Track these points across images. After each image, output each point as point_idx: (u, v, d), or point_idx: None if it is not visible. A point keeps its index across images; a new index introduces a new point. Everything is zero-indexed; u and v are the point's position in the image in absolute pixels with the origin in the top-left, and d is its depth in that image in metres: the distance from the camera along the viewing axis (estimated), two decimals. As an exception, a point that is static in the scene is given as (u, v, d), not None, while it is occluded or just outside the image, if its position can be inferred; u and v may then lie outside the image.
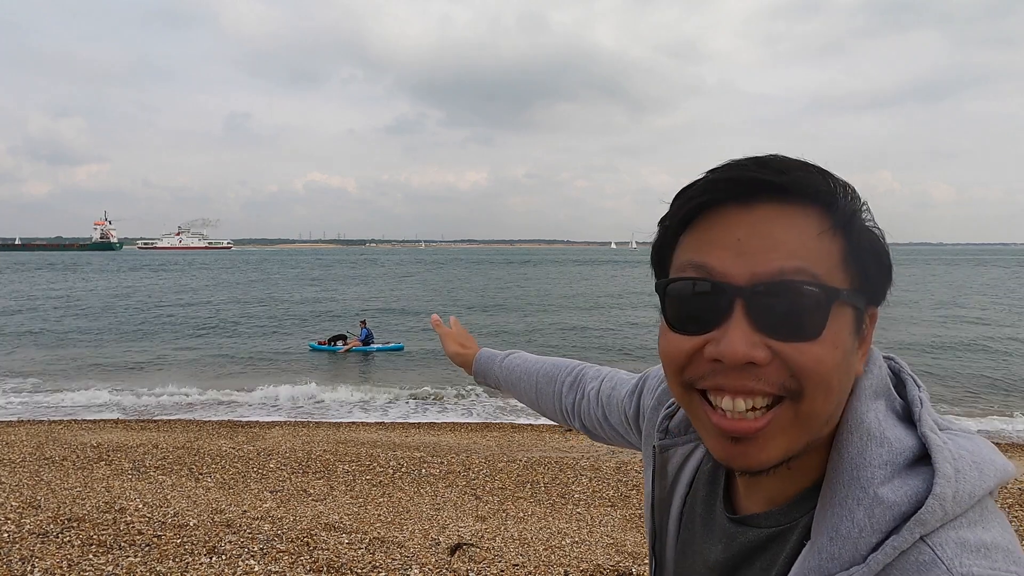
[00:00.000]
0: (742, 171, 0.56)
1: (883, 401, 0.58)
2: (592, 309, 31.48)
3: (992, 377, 15.09)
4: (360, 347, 18.36)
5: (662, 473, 0.79)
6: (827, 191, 0.56)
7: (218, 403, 12.98)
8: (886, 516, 0.51)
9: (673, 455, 0.78)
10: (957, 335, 21.56)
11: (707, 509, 0.71)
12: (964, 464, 0.53)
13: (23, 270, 70.00)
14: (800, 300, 0.53)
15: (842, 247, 0.56)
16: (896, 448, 0.54)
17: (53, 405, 12.52)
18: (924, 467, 0.53)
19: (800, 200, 0.56)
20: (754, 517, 0.64)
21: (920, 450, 0.55)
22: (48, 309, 30.34)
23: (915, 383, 0.61)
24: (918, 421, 0.56)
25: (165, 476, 6.87)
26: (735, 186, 0.56)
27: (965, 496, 0.51)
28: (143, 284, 49.31)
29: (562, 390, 1.11)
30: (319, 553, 4.41)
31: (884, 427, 0.56)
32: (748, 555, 0.64)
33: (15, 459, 7.43)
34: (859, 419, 0.56)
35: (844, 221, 0.56)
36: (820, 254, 0.55)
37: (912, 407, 0.58)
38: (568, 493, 6.62)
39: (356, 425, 11.00)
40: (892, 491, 0.52)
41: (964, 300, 34.79)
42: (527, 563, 4.42)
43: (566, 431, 10.52)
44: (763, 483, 0.62)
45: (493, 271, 75.98)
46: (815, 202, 0.56)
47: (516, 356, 1.25)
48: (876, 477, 0.53)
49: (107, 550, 4.35)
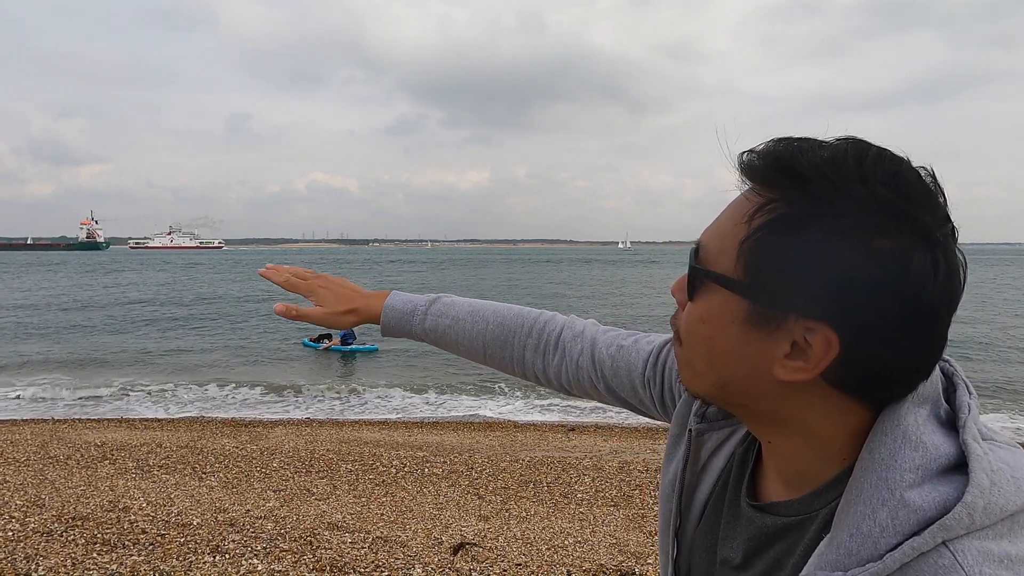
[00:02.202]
0: (744, 153, 0.59)
1: (928, 406, 0.57)
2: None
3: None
4: (339, 346, 18.23)
5: (695, 458, 0.79)
6: (785, 186, 0.55)
7: (219, 401, 13.01)
8: (910, 519, 0.51)
9: (708, 440, 0.78)
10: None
11: (734, 495, 0.72)
12: (1001, 477, 0.52)
13: (4, 271, 69.76)
14: (690, 266, 0.62)
15: (742, 237, 0.57)
16: (932, 454, 0.53)
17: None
18: (959, 475, 0.52)
19: (756, 188, 0.58)
20: (774, 505, 0.65)
21: (958, 458, 0.53)
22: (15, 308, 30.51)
23: (966, 388, 0.59)
24: (961, 428, 0.55)
25: (169, 475, 6.89)
26: (738, 167, 0.60)
27: (997, 509, 0.50)
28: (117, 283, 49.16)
29: (524, 354, 1.03)
30: (322, 552, 4.42)
31: (922, 431, 0.55)
32: (766, 541, 0.64)
33: (20, 458, 7.46)
34: (897, 421, 0.55)
35: (756, 215, 0.56)
36: (725, 236, 0.59)
37: (958, 413, 0.57)
38: (571, 493, 6.62)
39: (359, 424, 11.02)
40: (920, 496, 0.51)
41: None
42: (530, 563, 4.42)
43: (569, 430, 10.53)
44: (782, 470, 0.65)
45: (514, 269, 76.80)
46: (766, 191, 0.57)
47: (443, 311, 1.06)
48: (905, 480, 0.52)
49: (111, 549, 4.36)
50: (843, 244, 0.52)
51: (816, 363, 0.55)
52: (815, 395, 0.57)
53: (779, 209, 0.55)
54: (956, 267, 0.54)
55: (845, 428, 0.58)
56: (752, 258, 0.56)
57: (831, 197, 0.53)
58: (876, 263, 0.51)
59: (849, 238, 0.52)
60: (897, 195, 0.52)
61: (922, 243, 0.52)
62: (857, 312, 0.52)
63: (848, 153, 0.54)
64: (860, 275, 0.52)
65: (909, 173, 0.54)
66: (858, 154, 0.54)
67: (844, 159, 0.54)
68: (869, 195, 0.52)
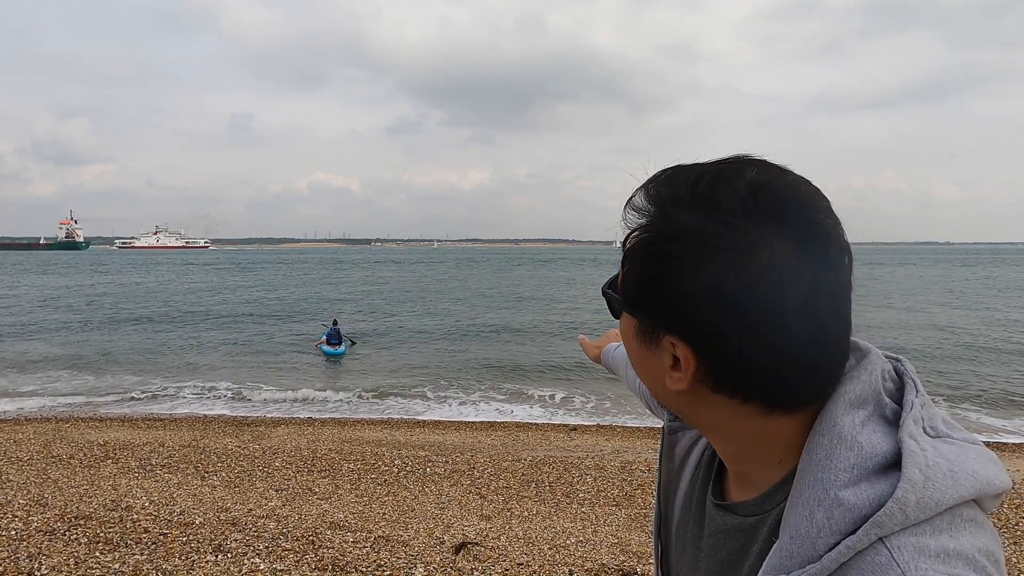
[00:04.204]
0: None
1: (869, 407, 0.57)
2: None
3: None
4: (324, 347, 18.10)
5: (669, 455, 0.82)
6: (650, 212, 0.60)
7: (222, 401, 13.04)
8: (845, 518, 0.51)
9: (682, 438, 0.81)
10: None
11: (701, 493, 0.75)
12: (937, 472, 0.52)
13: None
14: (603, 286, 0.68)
15: (622, 259, 0.63)
16: (867, 452, 0.54)
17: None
18: (896, 472, 0.53)
19: (635, 214, 0.62)
20: (734, 505, 0.67)
21: (897, 456, 0.54)
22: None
23: (914, 387, 0.60)
24: (900, 426, 0.56)
25: (171, 474, 6.90)
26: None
27: (931, 503, 0.51)
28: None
29: (635, 381, 1.15)
30: (324, 551, 4.42)
31: (858, 432, 0.55)
32: (724, 540, 0.67)
33: (23, 457, 7.48)
34: (832, 423, 0.56)
35: (627, 240, 0.61)
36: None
37: (902, 412, 0.57)
38: (573, 492, 6.62)
39: (361, 424, 11.02)
40: (854, 494, 0.52)
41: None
42: (532, 562, 4.42)
43: (571, 430, 10.52)
44: (732, 471, 0.68)
45: (532, 269, 77.31)
46: (640, 218, 0.61)
47: (613, 349, 1.39)
48: (839, 480, 0.53)
49: (113, 548, 4.37)
50: (683, 263, 0.55)
51: (684, 373, 0.59)
52: (710, 402, 0.60)
53: (640, 233, 0.59)
54: (817, 262, 0.54)
55: (765, 431, 0.60)
56: (627, 279, 0.61)
57: (678, 219, 0.57)
58: (718, 276, 0.54)
59: (689, 256, 0.55)
60: (745, 209, 0.54)
61: (763, 250, 0.53)
62: (705, 324, 0.55)
63: (692, 176, 0.58)
64: (703, 289, 0.54)
65: (759, 184, 0.55)
66: (701, 176, 0.57)
67: (686, 182, 0.58)
68: (710, 213, 0.55)
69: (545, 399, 13.26)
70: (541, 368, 16.19)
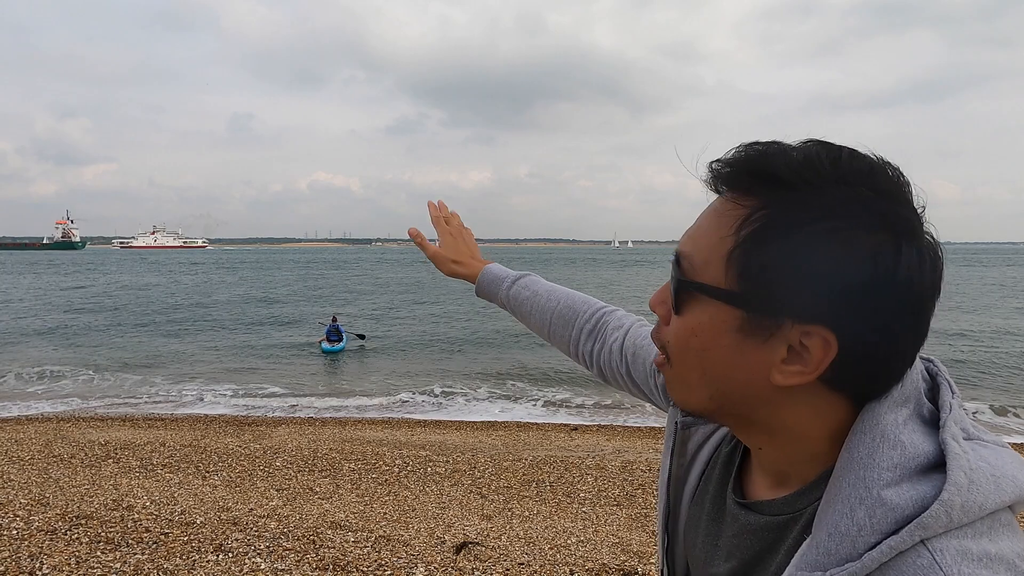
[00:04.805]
0: (714, 163, 0.60)
1: (910, 406, 0.57)
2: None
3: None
4: (324, 344, 18.25)
5: (681, 450, 0.80)
6: (764, 192, 0.56)
7: (223, 400, 13.04)
8: (888, 518, 0.51)
9: (694, 433, 0.79)
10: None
11: (719, 491, 0.73)
12: (980, 475, 0.52)
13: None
14: (675, 278, 0.62)
15: (731, 247, 0.57)
16: (910, 452, 0.54)
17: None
18: (938, 474, 0.52)
19: (734, 195, 0.58)
20: (760, 504, 0.65)
21: (939, 457, 0.53)
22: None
23: (949, 388, 0.60)
24: (942, 427, 0.55)
25: (172, 474, 6.91)
26: (709, 176, 0.61)
27: (975, 507, 0.50)
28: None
29: (580, 336, 1.08)
30: (325, 551, 4.43)
31: (900, 431, 0.55)
32: (749, 539, 0.65)
33: (24, 456, 7.49)
34: (875, 420, 0.55)
35: (744, 224, 0.56)
36: (711, 247, 0.59)
37: (940, 412, 0.57)
38: (574, 492, 6.62)
39: (362, 423, 11.03)
40: (897, 494, 0.52)
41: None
42: (532, 562, 4.42)
43: (572, 430, 10.53)
44: (769, 471, 0.65)
45: (533, 269, 77.05)
46: (746, 199, 0.57)
47: (526, 284, 1.17)
48: (882, 479, 0.52)
49: (115, 547, 4.37)
50: (832, 245, 0.52)
51: (815, 365, 0.55)
52: (810, 396, 0.58)
53: (765, 217, 0.55)
54: (937, 257, 0.55)
55: (828, 427, 0.59)
56: (743, 268, 0.56)
57: (814, 200, 0.54)
58: (866, 260, 0.52)
59: (837, 238, 0.53)
60: (876, 192, 0.54)
61: (906, 236, 0.53)
62: (853, 311, 0.53)
63: (821, 155, 0.55)
64: (852, 274, 0.52)
65: (882, 170, 0.55)
66: (830, 155, 0.55)
67: (819, 160, 0.55)
68: (851, 194, 0.54)
69: (546, 399, 13.27)
70: (542, 368, 16.19)
